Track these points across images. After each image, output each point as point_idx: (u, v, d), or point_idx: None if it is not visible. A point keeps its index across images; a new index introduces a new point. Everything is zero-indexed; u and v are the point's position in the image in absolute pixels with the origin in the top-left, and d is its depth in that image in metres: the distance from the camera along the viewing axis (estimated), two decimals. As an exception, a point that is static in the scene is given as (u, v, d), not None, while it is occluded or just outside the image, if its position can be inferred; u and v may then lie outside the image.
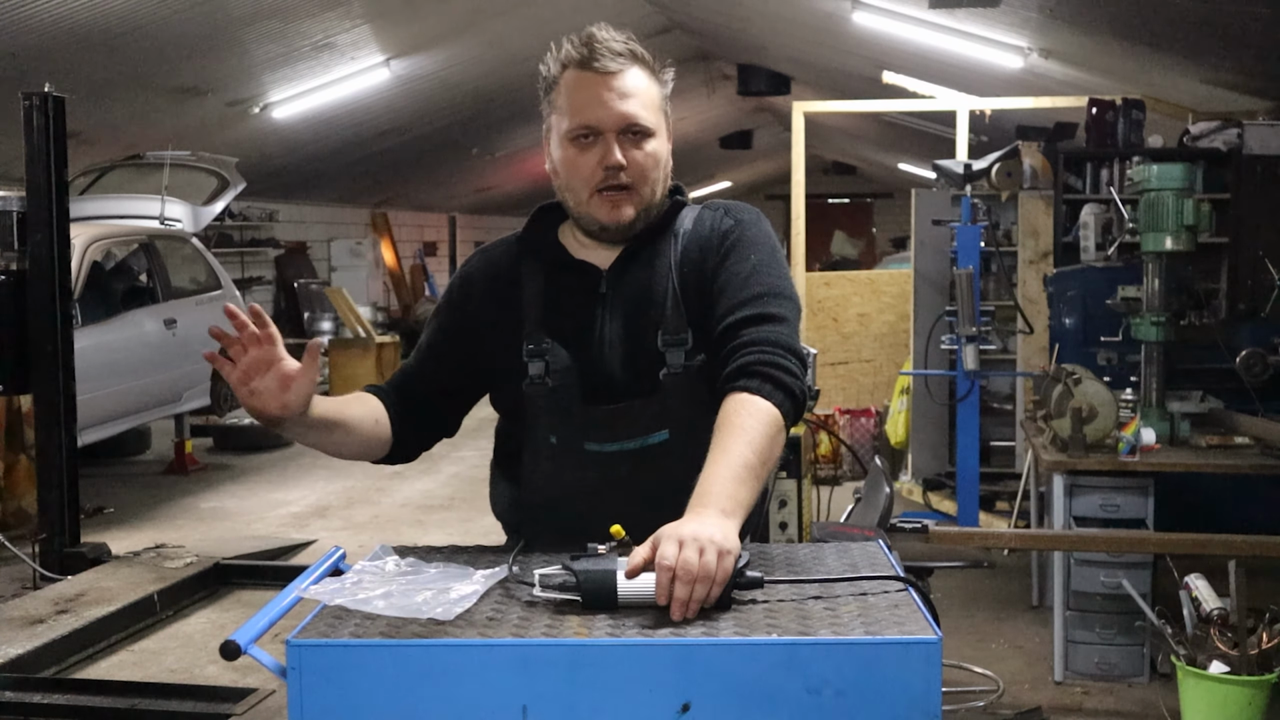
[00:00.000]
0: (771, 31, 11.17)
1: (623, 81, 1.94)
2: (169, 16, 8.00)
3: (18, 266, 6.02)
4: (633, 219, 1.98)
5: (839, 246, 20.76)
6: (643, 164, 1.96)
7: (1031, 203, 7.17)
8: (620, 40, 1.96)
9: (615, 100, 1.93)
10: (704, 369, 1.95)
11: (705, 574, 1.54)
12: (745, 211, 2.08)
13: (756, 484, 1.75)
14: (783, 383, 1.85)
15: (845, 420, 8.59)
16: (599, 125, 1.94)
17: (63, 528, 5.99)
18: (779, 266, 2.01)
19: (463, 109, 13.27)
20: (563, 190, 2.02)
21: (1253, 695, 3.71)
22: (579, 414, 1.96)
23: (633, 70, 1.96)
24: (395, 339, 12.54)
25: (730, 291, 1.96)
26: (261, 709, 4.11)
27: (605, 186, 1.95)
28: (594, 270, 2.02)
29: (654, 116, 1.97)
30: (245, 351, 1.73)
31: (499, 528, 2.13)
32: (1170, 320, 4.84)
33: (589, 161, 1.95)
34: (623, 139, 1.94)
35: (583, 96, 1.94)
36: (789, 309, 1.96)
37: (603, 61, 1.93)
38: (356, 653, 1.44)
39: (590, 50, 1.94)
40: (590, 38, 1.96)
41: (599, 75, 1.94)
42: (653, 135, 1.97)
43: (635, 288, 2.00)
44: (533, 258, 2.06)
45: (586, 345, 1.98)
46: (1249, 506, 5.35)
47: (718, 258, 2.00)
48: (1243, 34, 6.29)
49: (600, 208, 1.97)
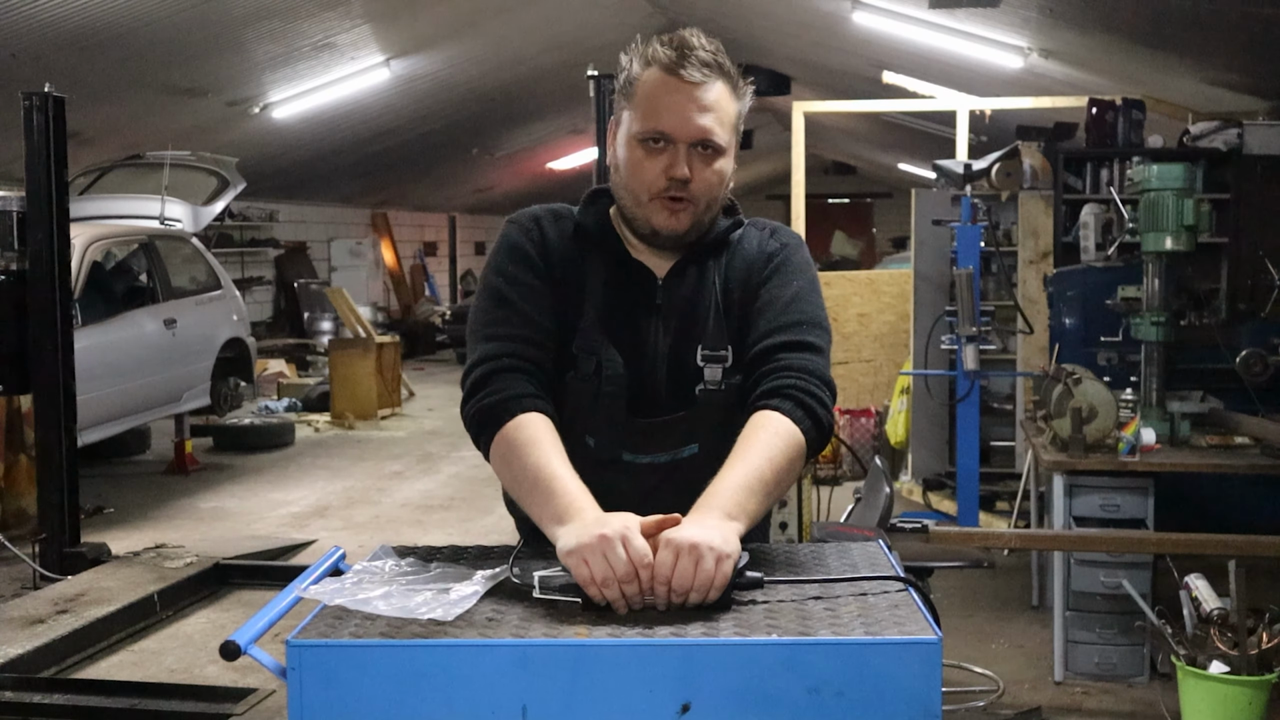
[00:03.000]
0: (771, 31, 11.17)
1: (705, 94, 1.89)
2: (169, 16, 8.00)
3: (18, 266, 6.02)
4: (687, 230, 1.95)
5: (839, 246, 20.76)
6: (709, 181, 1.92)
7: (1031, 203, 7.17)
8: (710, 50, 1.91)
9: (694, 112, 1.88)
10: (739, 388, 1.95)
11: (702, 584, 1.54)
12: (791, 235, 2.07)
13: (767, 500, 1.75)
14: (812, 410, 1.85)
15: (845, 420, 8.59)
16: (673, 134, 1.89)
17: (63, 528, 5.99)
18: (818, 296, 2.01)
19: (463, 109, 13.27)
20: (620, 188, 1.98)
21: (1253, 695, 3.71)
22: (623, 425, 1.95)
23: (716, 84, 1.90)
24: (395, 339, 12.53)
25: (770, 315, 1.95)
26: (261, 709, 4.12)
27: (669, 195, 1.92)
28: (651, 278, 1.99)
29: (728, 134, 1.93)
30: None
31: (499, 527, 2.13)
32: (1170, 320, 4.85)
33: (655, 167, 1.91)
34: (693, 152, 1.90)
35: (662, 101, 1.89)
36: (824, 340, 1.96)
37: (689, 70, 1.88)
38: (356, 653, 1.44)
39: (680, 55, 1.89)
40: (682, 43, 1.90)
41: (683, 83, 1.89)
42: (723, 153, 1.93)
43: (684, 301, 1.99)
44: (591, 243, 2.02)
45: (640, 356, 1.97)
46: (1249, 506, 5.36)
47: (761, 278, 2.00)
48: (1243, 34, 6.29)
49: (658, 213, 1.93)
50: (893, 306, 9.05)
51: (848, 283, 9.40)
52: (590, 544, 1.57)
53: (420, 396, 13.21)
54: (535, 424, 1.83)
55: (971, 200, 6.64)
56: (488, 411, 1.86)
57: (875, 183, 25.22)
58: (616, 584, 1.55)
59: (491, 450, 1.87)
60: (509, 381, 1.87)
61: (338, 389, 11.54)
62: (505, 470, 1.85)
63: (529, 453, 1.79)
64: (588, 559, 1.56)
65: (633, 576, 1.55)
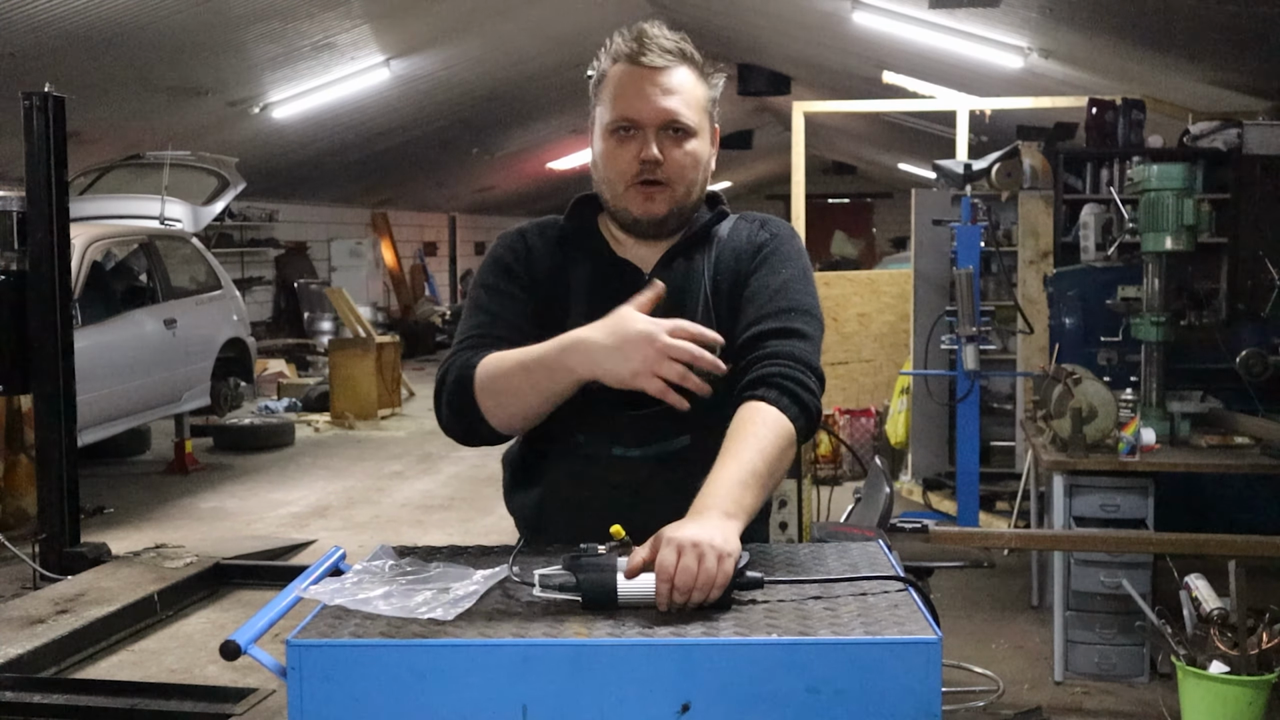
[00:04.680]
0: (771, 31, 11.17)
1: (668, 78, 1.93)
2: (169, 16, 8.00)
3: (18, 266, 6.02)
4: (665, 214, 1.97)
5: (839, 246, 20.78)
6: (681, 162, 1.95)
7: (1031, 203, 7.17)
8: (672, 39, 1.95)
9: (658, 96, 1.92)
10: (729, 377, 1.95)
11: (704, 582, 1.54)
12: (782, 226, 2.08)
13: (762, 492, 1.75)
14: (799, 398, 1.85)
15: (845, 420, 8.59)
16: (639, 119, 1.93)
17: (63, 528, 5.99)
18: (809, 284, 2.02)
19: (463, 109, 13.27)
20: (600, 183, 2.01)
21: (1253, 695, 3.71)
22: (613, 419, 1.96)
23: (680, 69, 1.94)
24: (395, 339, 12.53)
25: (759, 302, 1.96)
26: (261, 709, 4.12)
27: (641, 180, 1.95)
28: (637, 271, 2.01)
29: (696, 116, 1.95)
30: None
31: (499, 527, 2.13)
32: (1170, 320, 4.85)
33: (627, 155, 1.94)
34: (662, 135, 1.93)
35: (627, 90, 1.93)
36: (814, 327, 1.96)
37: (650, 56, 1.92)
38: (356, 653, 1.44)
39: (640, 45, 1.93)
40: (641, 33, 1.94)
41: (645, 70, 1.93)
42: (694, 135, 1.95)
43: (671, 293, 1.99)
44: (576, 247, 2.04)
45: None
46: (1249, 506, 5.36)
47: (750, 268, 2.01)
48: (1243, 34, 6.30)
49: (634, 200, 1.96)
50: (893, 306, 9.05)
51: (848, 283, 9.40)
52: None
53: (420, 396, 13.20)
54: (497, 356, 1.87)
55: (971, 200, 6.64)
56: (454, 385, 1.88)
57: (875, 183, 25.23)
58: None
59: (478, 398, 1.87)
60: (463, 355, 1.91)
61: (338, 389, 11.54)
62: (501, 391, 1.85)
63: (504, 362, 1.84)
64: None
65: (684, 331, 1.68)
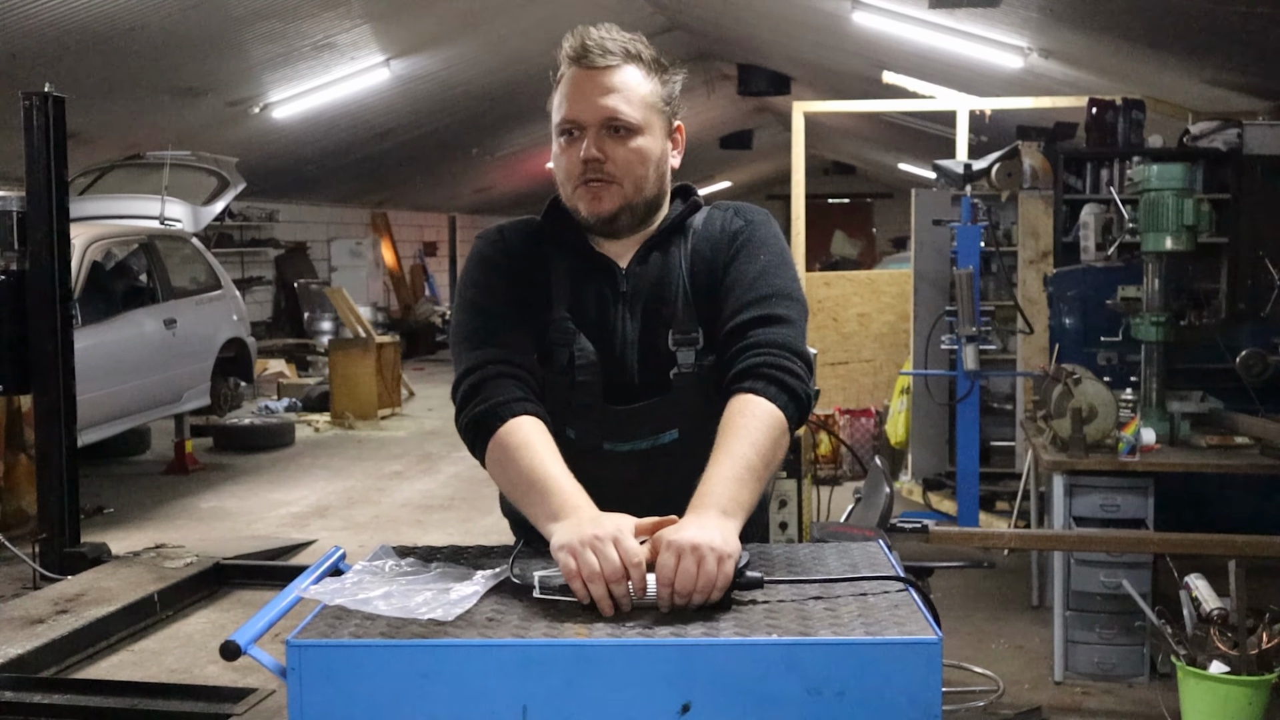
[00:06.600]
0: (771, 31, 11.17)
1: (609, 77, 1.93)
2: (169, 16, 8.00)
3: (18, 266, 6.01)
4: (614, 212, 1.97)
5: (839, 246, 20.79)
6: (627, 159, 1.95)
7: (1031, 203, 7.17)
8: (617, 40, 1.96)
9: (598, 95, 1.93)
10: (714, 369, 1.95)
11: (704, 584, 1.55)
12: (755, 212, 2.08)
13: (758, 486, 1.75)
14: (787, 385, 1.85)
15: (845, 420, 8.59)
16: (580, 119, 1.94)
17: (63, 528, 5.99)
18: (787, 268, 2.01)
19: (463, 109, 13.27)
20: (559, 187, 2.02)
21: (1253, 695, 3.71)
22: (600, 413, 1.96)
23: (625, 68, 1.95)
24: (395, 339, 12.53)
25: (738, 292, 1.96)
26: (261, 709, 4.11)
27: (585, 180, 1.95)
28: (614, 267, 2.02)
29: (639, 113, 1.95)
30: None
31: (499, 527, 2.13)
32: (1170, 320, 4.84)
33: (573, 155, 1.95)
34: (605, 134, 1.94)
35: (570, 92, 1.95)
36: (796, 311, 1.95)
37: (591, 57, 1.93)
38: (356, 653, 1.44)
39: (582, 46, 1.94)
40: (584, 34, 1.95)
41: (587, 71, 1.94)
42: (639, 132, 1.95)
43: (650, 287, 2.01)
44: (554, 243, 2.05)
45: (610, 343, 1.98)
46: (1249, 506, 5.36)
47: (727, 257, 2.01)
48: (1243, 34, 6.29)
49: (582, 199, 1.97)
50: (893, 306, 9.05)
51: (848, 283, 9.40)
52: (581, 540, 1.57)
53: (420, 396, 13.21)
54: (527, 427, 1.84)
55: (971, 200, 6.64)
56: (480, 419, 1.87)
57: (875, 183, 25.23)
58: (603, 581, 1.55)
59: (487, 456, 1.88)
60: (498, 388, 1.89)
61: (338, 389, 11.54)
62: (501, 475, 1.86)
63: (522, 455, 1.81)
64: (576, 554, 1.57)
65: (621, 576, 1.55)
